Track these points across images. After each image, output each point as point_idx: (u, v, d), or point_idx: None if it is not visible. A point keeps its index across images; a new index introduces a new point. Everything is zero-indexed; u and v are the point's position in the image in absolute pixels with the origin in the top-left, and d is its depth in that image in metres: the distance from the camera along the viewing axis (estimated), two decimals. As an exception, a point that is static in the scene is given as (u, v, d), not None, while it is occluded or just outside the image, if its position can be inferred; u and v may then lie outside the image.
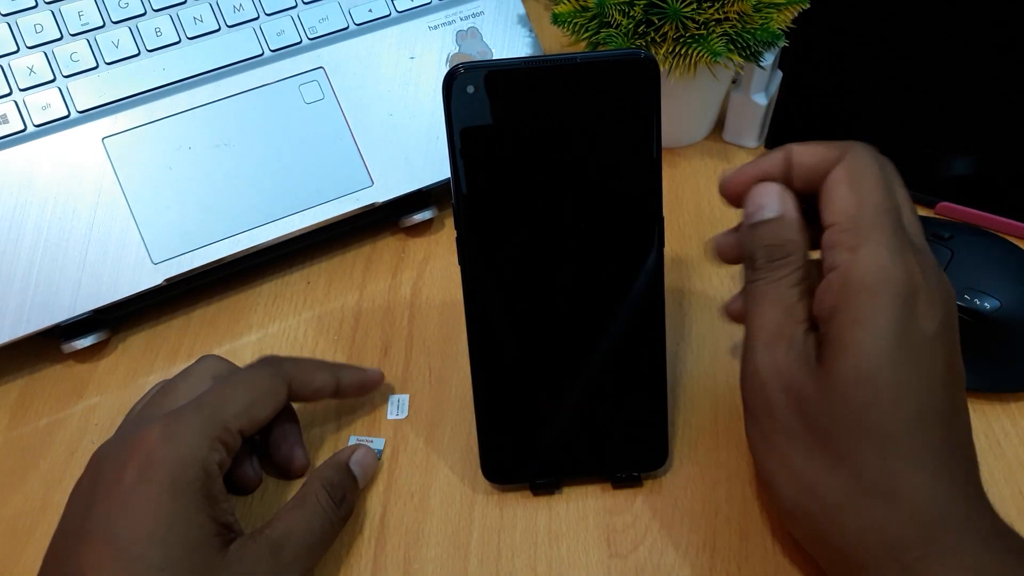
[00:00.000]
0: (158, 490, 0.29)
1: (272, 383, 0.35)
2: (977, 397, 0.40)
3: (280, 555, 0.31)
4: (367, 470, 0.37)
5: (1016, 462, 0.38)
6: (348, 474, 0.35)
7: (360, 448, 0.37)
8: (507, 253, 0.33)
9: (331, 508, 0.33)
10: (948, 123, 0.49)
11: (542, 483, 0.37)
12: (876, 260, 0.28)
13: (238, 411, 0.33)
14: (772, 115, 0.52)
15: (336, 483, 0.34)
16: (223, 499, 0.31)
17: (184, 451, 0.30)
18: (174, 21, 0.46)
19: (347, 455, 0.36)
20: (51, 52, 0.44)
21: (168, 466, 0.29)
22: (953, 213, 0.48)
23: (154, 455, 0.29)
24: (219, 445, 0.31)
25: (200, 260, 0.43)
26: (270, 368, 0.36)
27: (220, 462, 0.31)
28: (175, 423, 0.31)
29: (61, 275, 0.42)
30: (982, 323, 0.39)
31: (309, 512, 0.33)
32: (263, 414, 0.34)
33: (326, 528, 0.33)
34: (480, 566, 0.35)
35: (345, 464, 0.36)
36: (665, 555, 0.35)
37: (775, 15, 0.45)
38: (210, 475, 0.30)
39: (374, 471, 0.38)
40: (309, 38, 0.47)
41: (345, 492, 0.35)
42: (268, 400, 0.34)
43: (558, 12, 0.46)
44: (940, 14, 0.48)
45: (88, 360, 0.44)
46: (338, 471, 0.35)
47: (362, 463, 0.36)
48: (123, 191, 0.43)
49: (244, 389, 0.34)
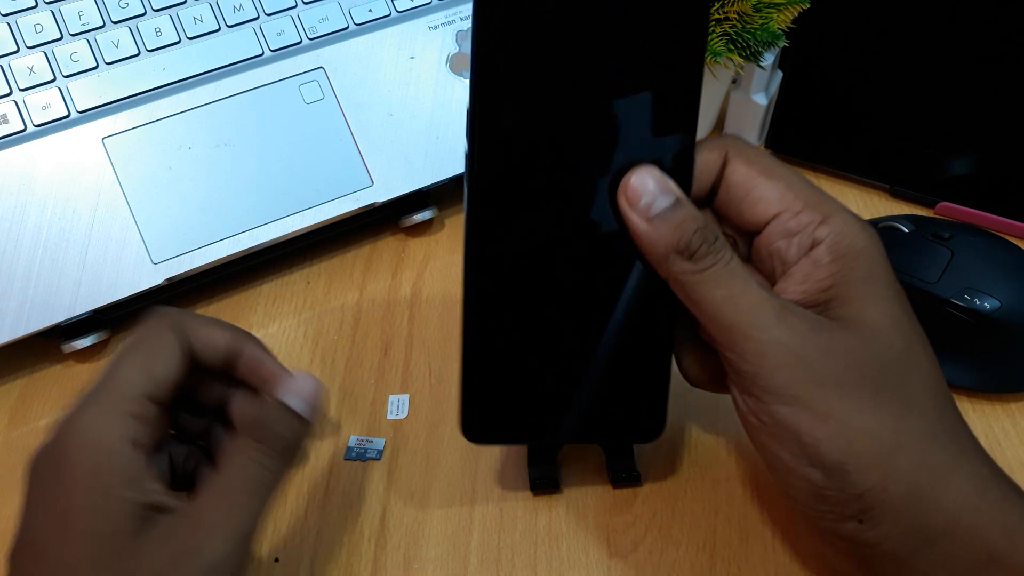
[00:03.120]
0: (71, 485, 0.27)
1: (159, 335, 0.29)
2: (977, 397, 0.40)
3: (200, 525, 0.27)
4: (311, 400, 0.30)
5: (1016, 462, 0.38)
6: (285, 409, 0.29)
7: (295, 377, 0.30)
8: (521, 194, 0.30)
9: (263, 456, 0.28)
10: (948, 123, 0.49)
11: (542, 482, 0.37)
12: (852, 226, 0.29)
13: (134, 377, 0.28)
14: (772, 115, 0.52)
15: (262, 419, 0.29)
16: (146, 478, 0.27)
17: (88, 437, 0.27)
18: (174, 21, 0.46)
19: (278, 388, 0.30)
20: (51, 52, 0.44)
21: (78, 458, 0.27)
22: (953, 213, 0.48)
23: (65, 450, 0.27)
24: (127, 420, 0.28)
25: (200, 260, 0.43)
26: (154, 319, 0.30)
27: (133, 439, 0.27)
28: (78, 411, 0.28)
29: (61, 275, 0.42)
30: (982, 323, 0.39)
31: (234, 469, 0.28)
32: (165, 369, 0.29)
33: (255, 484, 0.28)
34: (480, 566, 0.35)
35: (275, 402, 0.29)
36: (665, 555, 0.35)
37: (775, 15, 0.45)
38: (122, 455, 0.27)
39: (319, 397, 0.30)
40: (309, 38, 0.47)
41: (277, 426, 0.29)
42: (162, 352, 0.29)
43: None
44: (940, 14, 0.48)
45: (88, 360, 0.44)
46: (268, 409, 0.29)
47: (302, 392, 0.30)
48: (123, 191, 0.43)
49: (133, 352, 0.29)
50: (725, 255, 0.29)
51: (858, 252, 0.29)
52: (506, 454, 0.39)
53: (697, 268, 0.28)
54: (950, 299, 0.39)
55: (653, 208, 0.29)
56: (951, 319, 0.39)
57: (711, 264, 0.28)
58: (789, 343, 0.27)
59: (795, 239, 0.30)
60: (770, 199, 0.30)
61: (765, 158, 0.31)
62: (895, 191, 0.49)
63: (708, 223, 0.29)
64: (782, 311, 0.28)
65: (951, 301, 0.39)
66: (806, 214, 0.29)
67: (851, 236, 0.29)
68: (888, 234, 0.43)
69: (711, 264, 0.28)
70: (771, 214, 0.30)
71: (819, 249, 0.29)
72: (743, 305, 0.28)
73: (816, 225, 0.29)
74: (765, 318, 0.28)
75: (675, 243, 0.28)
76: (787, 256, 0.30)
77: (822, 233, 0.29)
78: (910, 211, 0.48)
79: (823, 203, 0.30)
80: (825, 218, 0.29)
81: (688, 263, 0.28)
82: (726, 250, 0.29)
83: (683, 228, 0.28)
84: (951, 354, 0.40)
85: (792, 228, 0.30)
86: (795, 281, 0.30)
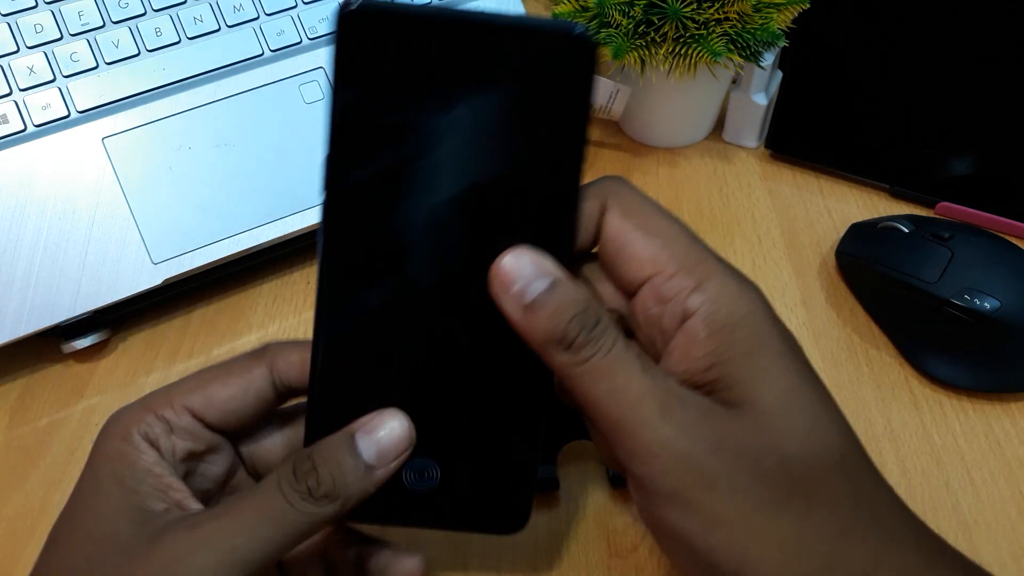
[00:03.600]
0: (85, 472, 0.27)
1: (244, 361, 0.29)
2: (978, 397, 0.40)
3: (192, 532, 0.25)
4: (383, 449, 0.26)
5: (1016, 462, 0.38)
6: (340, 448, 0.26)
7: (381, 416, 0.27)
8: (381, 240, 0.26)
9: (290, 488, 0.25)
10: (948, 123, 0.49)
11: (542, 482, 0.37)
12: (728, 291, 0.26)
13: (188, 388, 0.28)
14: (772, 115, 0.52)
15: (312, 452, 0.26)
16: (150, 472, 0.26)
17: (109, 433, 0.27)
18: (174, 21, 0.46)
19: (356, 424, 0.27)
20: (51, 52, 0.44)
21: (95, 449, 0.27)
22: (953, 213, 0.48)
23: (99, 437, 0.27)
24: (151, 418, 0.27)
25: (200, 260, 0.43)
26: (256, 351, 0.29)
27: (149, 436, 0.27)
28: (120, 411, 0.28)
29: (61, 275, 0.42)
30: (982, 323, 0.39)
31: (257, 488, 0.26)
32: (225, 395, 0.28)
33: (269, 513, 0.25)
34: (480, 566, 0.35)
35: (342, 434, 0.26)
36: (665, 555, 0.35)
37: (775, 15, 0.45)
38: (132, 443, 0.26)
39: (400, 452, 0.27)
40: (309, 38, 0.47)
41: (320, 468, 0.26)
42: (235, 379, 0.28)
43: (558, 12, 0.46)
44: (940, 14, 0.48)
45: (88, 360, 0.44)
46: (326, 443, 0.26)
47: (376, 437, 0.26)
48: (123, 191, 0.43)
49: (210, 369, 0.29)
50: (607, 342, 0.25)
51: (736, 323, 0.25)
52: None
53: (576, 360, 0.25)
54: (950, 299, 0.39)
55: (527, 294, 0.25)
56: (951, 319, 0.39)
57: (591, 355, 0.25)
58: (676, 442, 0.24)
59: (668, 307, 0.26)
60: (643, 259, 0.26)
61: (646, 207, 0.27)
62: (895, 191, 0.49)
63: (590, 303, 0.25)
64: (666, 404, 0.24)
65: (951, 301, 0.39)
66: (679, 278, 0.26)
67: (728, 304, 0.25)
68: (888, 234, 0.43)
69: (591, 355, 0.25)
70: (644, 276, 0.26)
71: (694, 322, 0.25)
72: (625, 400, 0.25)
73: (689, 292, 0.26)
74: (649, 413, 0.24)
75: (551, 333, 0.25)
76: (664, 325, 0.26)
77: (694, 302, 0.25)
78: (910, 211, 0.49)
79: (700, 264, 0.26)
80: (699, 284, 0.26)
81: (567, 354, 0.25)
82: (608, 335, 0.25)
83: (559, 315, 0.25)
84: (951, 354, 0.40)
85: (665, 294, 0.26)
86: (675, 360, 0.26)
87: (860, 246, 0.44)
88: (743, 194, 0.51)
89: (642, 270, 0.26)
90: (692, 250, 0.26)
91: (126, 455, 0.27)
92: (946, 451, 0.38)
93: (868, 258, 0.43)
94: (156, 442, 0.27)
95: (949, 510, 0.36)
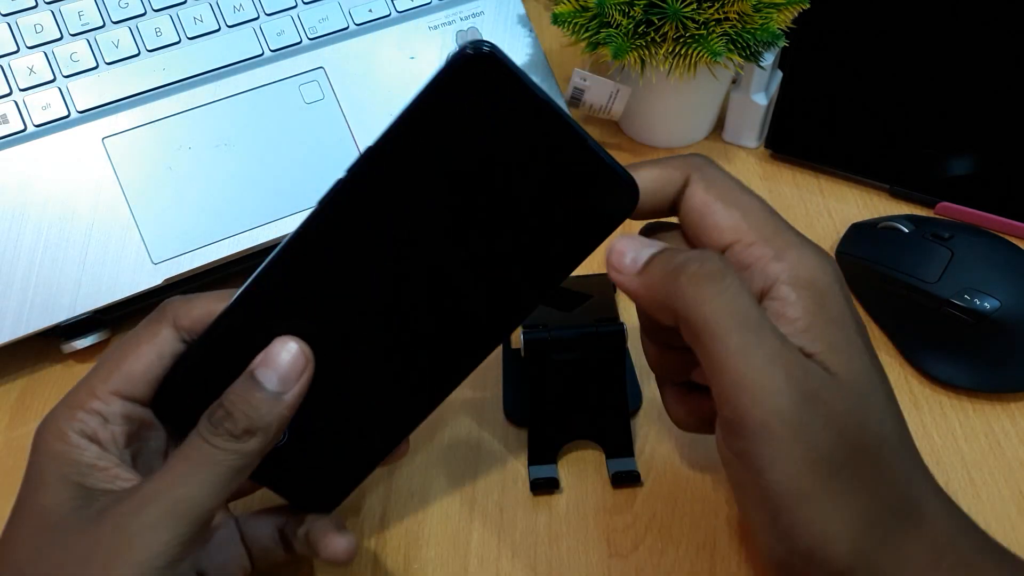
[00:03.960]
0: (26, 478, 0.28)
1: (148, 327, 0.29)
2: (978, 397, 0.40)
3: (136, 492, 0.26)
4: (283, 373, 0.27)
5: (1016, 462, 0.38)
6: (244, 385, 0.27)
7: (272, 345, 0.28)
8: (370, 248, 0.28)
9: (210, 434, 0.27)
10: (948, 123, 0.49)
11: (542, 482, 0.37)
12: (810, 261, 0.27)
13: (107, 373, 0.28)
14: (772, 115, 0.52)
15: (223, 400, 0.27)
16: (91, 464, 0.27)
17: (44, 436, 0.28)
18: (174, 21, 0.46)
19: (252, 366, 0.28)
20: (51, 52, 0.44)
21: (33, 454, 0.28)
22: (953, 213, 0.48)
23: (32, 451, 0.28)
24: (82, 415, 0.27)
25: (200, 260, 0.43)
26: (155, 312, 0.30)
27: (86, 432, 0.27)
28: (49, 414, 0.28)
29: (61, 275, 0.42)
30: (982, 323, 0.39)
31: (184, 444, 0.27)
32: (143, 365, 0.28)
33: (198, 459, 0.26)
34: (480, 566, 0.35)
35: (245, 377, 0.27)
36: (665, 555, 0.35)
37: (775, 15, 0.45)
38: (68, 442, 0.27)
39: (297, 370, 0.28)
40: (309, 38, 0.47)
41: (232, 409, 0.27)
42: (145, 347, 0.28)
43: (558, 12, 0.46)
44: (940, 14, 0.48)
45: (88, 360, 0.44)
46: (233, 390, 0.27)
47: (271, 362, 0.27)
48: (123, 191, 0.43)
49: (116, 348, 0.29)
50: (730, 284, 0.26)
51: (822, 290, 0.26)
52: (506, 455, 0.39)
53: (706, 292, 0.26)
54: (950, 299, 0.39)
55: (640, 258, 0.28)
56: (951, 319, 0.39)
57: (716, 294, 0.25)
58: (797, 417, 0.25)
59: (747, 273, 0.27)
60: (723, 227, 0.28)
61: (727, 182, 0.29)
62: (895, 191, 0.49)
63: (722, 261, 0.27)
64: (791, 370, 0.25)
65: (951, 301, 0.39)
66: (758, 247, 0.27)
67: (809, 271, 0.27)
68: (888, 234, 0.43)
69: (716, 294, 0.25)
70: (724, 243, 0.28)
71: (781, 287, 0.26)
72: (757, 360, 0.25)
73: (768, 260, 0.27)
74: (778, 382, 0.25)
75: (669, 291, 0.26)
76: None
77: (775, 269, 0.27)
78: (910, 211, 0.48)
79: (778, 236, 0.27)
80: (778, 253, 0.27)
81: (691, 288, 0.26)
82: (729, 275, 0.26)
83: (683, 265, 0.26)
84: (951, 354, 0.40)
85: (744, 261, 0.27)
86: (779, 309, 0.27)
87: (860, 246, 0.44)
88: (743, 194, 0.51)
89: (723, 238, 0.28)
90: (770, 222, 0.28)
91: (67, 455, 0.27)
92: (946, 451, 0.38)
93: (868, 258, 0.43)
94: (95, 437, 0.28)
95: (949, 510, 0.36)
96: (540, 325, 0.38)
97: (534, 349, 0.37)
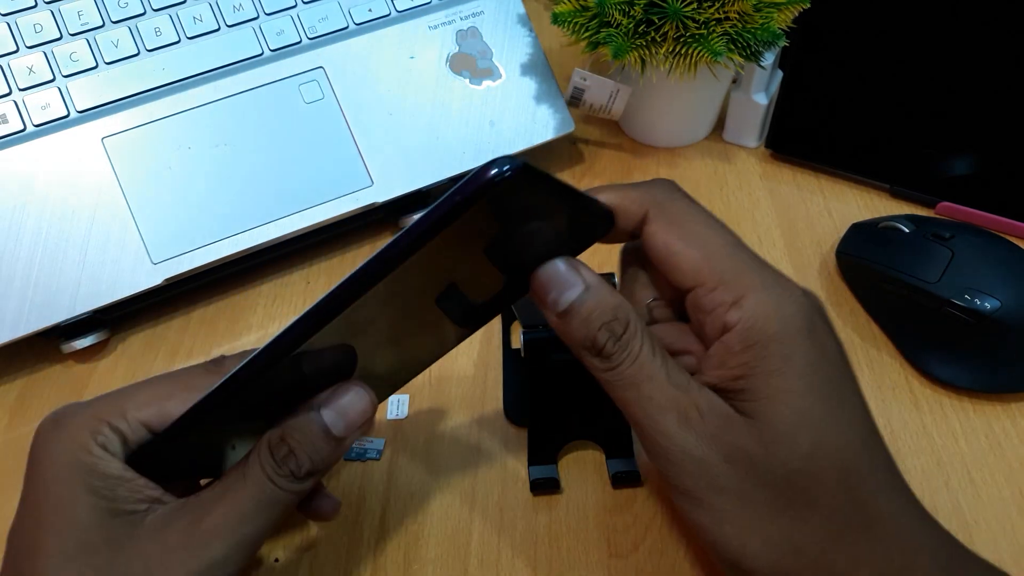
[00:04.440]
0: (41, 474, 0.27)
1: (202, 378, 0.29)
2: (977, 397, 0.40)
3: (202, 523, 0.27)
4: (350, 417, 0.28)
5: (1016, 462, 0.38)
6: (310, 424, 0.28)
7: (342, 390, 0.28)
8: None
9: (276, 475, 0.27)
10: (948, 123, 0.49)
11: (542, 482, 0.37)
12: (766, 308, 0.27)
13: (143, 401, 0.28)
14: (772, 115, 0.52)
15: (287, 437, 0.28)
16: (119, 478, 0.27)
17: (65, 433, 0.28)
18: (174, 21, 0.45)
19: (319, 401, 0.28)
20: (50, 52, 0.44)
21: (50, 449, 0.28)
22: (953, 213, 0.48)
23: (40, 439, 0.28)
24: (106, 430, 0.27)
25: (200, 260, 0.43)
26: (210, 364, 0.30)
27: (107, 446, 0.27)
28: (70, 408, 0.28)
29: (61, 275, 0.42)
30: (982, 323, 0.39)
31: (246, 476, 0.27)
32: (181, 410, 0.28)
33: (264, 497, 0.27)
34: (480, 566, 0.35)
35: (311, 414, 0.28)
36: (665, 555, 0.35)
37: (775, 15, 0.45)
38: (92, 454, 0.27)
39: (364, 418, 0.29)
40: (309, 38, 0.47)
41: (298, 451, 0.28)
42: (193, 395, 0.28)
43: (558, 12, 0.46)
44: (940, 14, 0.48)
45: (88, 360, 0.44)
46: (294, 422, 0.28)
47: (342, 410, 0.28)
48: (123, 191, 0.43)
49: (163, 381, 0.29)
50: (634, 350, 0.27)
51: (769, 339, 0.27)
52: (506, 455, 0.39)
53: (607, 366, 0.28)
54: (950, 299, 0.39)
55: (560, 303, 0.28)
56: (951, 319, 0.39)
57: (619, 363, 0.27)
58: (692, 451, 0.27)
59: (709, 318, 0.28)
60: (684, 271, 0.28)
61: (689, 216, 0.28)
62: (895, 191, 0.49)
63: (619, 311, 0.27)
64: (687, 414, 0.27)
65: (951, 301, 0.39)
66: (720, 292, 0.27)
67: (763, 321, 0.27)
68: (888, 234, 0.43)
69: (619, 363, 0.27)
70: (687, 286, 0.28)
71: (730, 336, 0.27)
72: (647, 410, 0.27)
73: (727, 308, 0.27)
74: (669, 424, 0.27)
75: (582, 340, 0.28)
76: (706, 332, 0.28)
77: (732, 318, 0.27)
78: (910, 211, 0.48)
79: (739, 278, 0.27)
80: (737, 300, 0.27)
81: (598, 360, 0.28)
82: (635, 342, 0.27)
83: (589, 323, 0.27)
84: (951, 354, 0.40)
85: (705, 306, 0.28)
86: (711, 365, 0.28)
87: (860, 246, 0.44)
88: (743, 194, 0.51)
89: (685, 281, 0.28)
90: (732, 262, 0.28)
91: (91, 465, 0.27)
92: (946, 451, 0.38)
93: (868, 258, 0.43)
94: (116, 452, 0.28)
95: (949, 510, 0.36)
96: (540, 325, 0.38)
97: (534, 349, 0.37)
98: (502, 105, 0.48)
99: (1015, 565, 0.34)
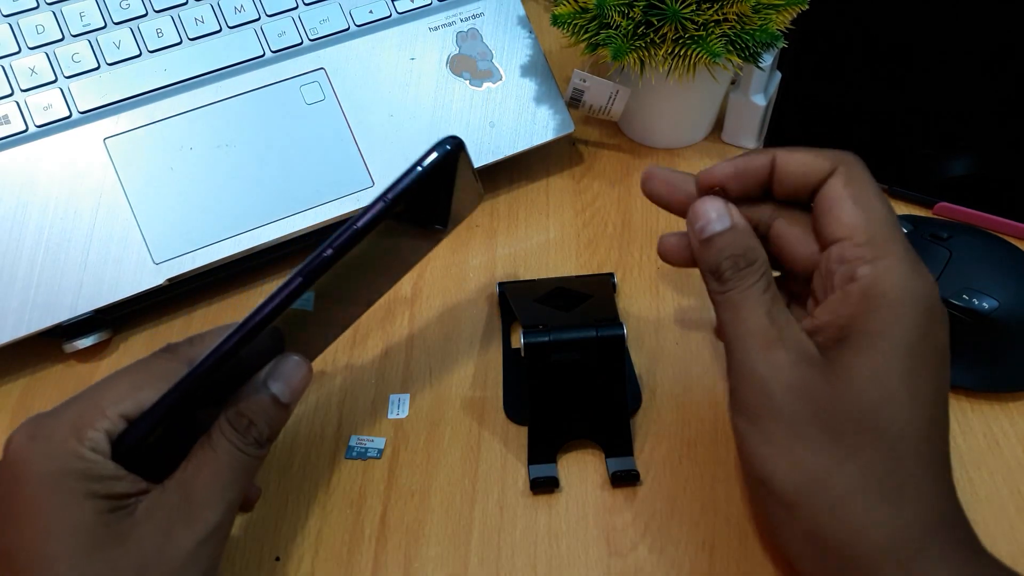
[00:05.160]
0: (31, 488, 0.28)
1: (164, 365, 0.31)
2: (976, 397, 0.40)
3: (192, 497, 0.29)
4: (294, 385, 0.32)
5: (1015, 462, 0.38)
6: (262, 397, 0.31)
7: (282, 364, 0.32)
8: None
9: (242, 444, 0.30)
10: (947, 123, 0.49)
11: (542, 482, 0.37)
12: (897, 275, 0.29)
13: (118, 396, 0.30)
14: (771, 116, 0.52)
15: (244, 412, 0.31)
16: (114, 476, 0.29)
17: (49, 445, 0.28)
18: (175, 22, 0.46)
19: (264, 376, 0.32)
20: (53, 53, 0.44)
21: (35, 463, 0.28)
22: (952, 213, 0.48)
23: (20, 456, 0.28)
24: (91, 432, 0.29)
25: (202, 260, 0.43)
26: (165, 353, 0.32)
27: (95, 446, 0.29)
28: (42, 419, 0.29)
29: (63, 275, 0.42)
30: (981, 323, 0.39)
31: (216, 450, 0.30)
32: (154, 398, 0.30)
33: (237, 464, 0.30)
34: (480, 566, 0.35)
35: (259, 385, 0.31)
36: (665, 554, 0.35)
37: (774, 16, 0.45)
38: (84, 458, 0.28)
39: (305, 383, 0.32)
40: (310, 39, 0.47)
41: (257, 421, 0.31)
42: (162, 383, 0.30)
43: (558, 13, 0.46)
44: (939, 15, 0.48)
45: (90, 360, 0.44)
46: (247, 398, 0.31)
47: (285, 377, 0.32)
48: (125, 191, 0.43)
49: (130, 373, 0.31)
50: (747, 281, 0.31)
51: (887, 301, 0.29)
52: (506, 454, 0.39)
53: (719, 289, 0.32)
54: (949, 299, 0.39)
55: (705, 231, 0.32)
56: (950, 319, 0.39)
57: (730, 288, 0.31)
58: (761, 374, 0.30)
59: (842, 267, 0.30)
60: (843, 223, 0.31)
61: (866, 184, 0.31)
62: (894, 191, 0.49)
63: (749, 250, 0.32)
64: (769, 344, 0.30)
65: (950, 301, 0.39)
66: (863, 248, 0.30)
67: (889, 284, 0.29)
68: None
69: (730, 288, 0.31)
70: (837, 236, 0.31)
71: (854, 286, 0.29)
72: (739, 331, 0.31)
73: (863, 262, 0.30)
74: (750, 347, 0.30)
75: (710, 264, 0.32)
76: (834, 280, 0.31)
77: (862, 271, 0.29)
78: (909, 211, 0.49)
79: (886, 244, 0.30)
80: (875, 258, 0.29)
81: (714, 283, 0.32)
82: (751, 277, 0.31)
83: (720, 252, 0.32)
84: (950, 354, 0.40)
85: (846, 256, 0.30)
86: (826, 309, 0.30)
87: (859, 246, 0.44)
88: (742, 195, 0.51)
89: (839, 231, 0.31)
90: (887, 230, 0.30)
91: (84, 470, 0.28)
92: (945, 451, 0.38)
93: (867, 258, 0.43)
94: (104, 452, 0.29)
95: (948, 509, 0.36)
96: (540, 326, 0.38)
97: (534, 351, 0.37)
98: (502, 106, 0.48)
99: (1014, 565, 0.34)
